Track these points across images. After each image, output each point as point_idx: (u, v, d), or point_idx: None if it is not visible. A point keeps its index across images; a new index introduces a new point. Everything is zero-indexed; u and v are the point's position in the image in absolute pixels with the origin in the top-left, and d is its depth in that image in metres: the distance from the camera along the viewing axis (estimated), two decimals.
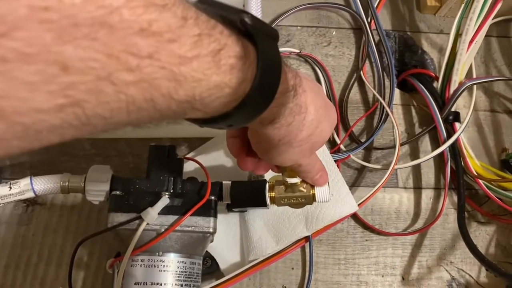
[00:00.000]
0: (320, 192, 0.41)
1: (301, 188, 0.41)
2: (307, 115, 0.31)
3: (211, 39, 0.20)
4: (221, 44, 0.21)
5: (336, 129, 0.59)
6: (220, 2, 0.24)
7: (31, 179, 0.43)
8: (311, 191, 0.41)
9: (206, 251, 0.47)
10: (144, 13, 0.16)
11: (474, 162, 0.56)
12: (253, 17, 0.23)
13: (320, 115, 0.32)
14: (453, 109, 0.57)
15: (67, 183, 0.44)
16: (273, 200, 0.43)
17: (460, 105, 0.61)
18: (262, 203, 0.43)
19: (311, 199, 0.42)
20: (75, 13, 0.15)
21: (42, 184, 0.43)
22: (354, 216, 0.55)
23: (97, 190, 0.43)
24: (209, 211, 0.43)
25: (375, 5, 0.64)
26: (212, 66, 0.20)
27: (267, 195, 0.42)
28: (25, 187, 0.43)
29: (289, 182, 0.40)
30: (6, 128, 0.15)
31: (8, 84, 0.14)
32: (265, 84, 0.24)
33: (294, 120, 0.30)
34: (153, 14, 0.17)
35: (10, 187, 0.42)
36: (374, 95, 0.61)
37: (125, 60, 0.16)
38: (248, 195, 0.43)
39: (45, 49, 0.14)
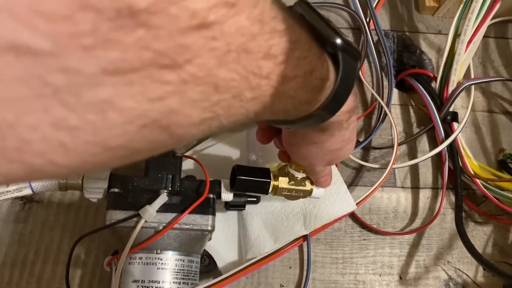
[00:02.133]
0: (317, 189, 0.44)
1: (303, 183, 0.43)
2: (347, 132, 0.33)
3: (306, 61, 0.22)
4: (312, 66, 0.23)
5: None
6: (317, 11, 0.25)
7: None
8: (311, 187, 0.44)
9: (204, 249, 0.47)
10: (270, 39, 0.19)
11: (472, 162, 0.56)
12: (343, 39, 0.24)
13: (352, 135, 0.35)
14: (451, 109, 0.57)
15: (65, 180, 0.43)
16: (275, 189, 0.43)
17: (458, 105, 0.61)
18: (264, 190, 0.43)
19: (308, 194, 0.44)
20: (231, 41, 0.17)
21: (40, 181, 0.43)
22: (352, 215, 0.55)
23: (95, 187, 0.43)
24: (207, 209, 0.43)
25: (374, 5, 0.64)
26: (303, 86, 0.22)
27: (271, 183, 0.43)
28: (22, 184, 0.42)
29: (296, 176, 0.42)
30: (167, 139, 0.18)
31: (181, 102, 0.17)
32: (335, 103, 0.25)
33: (339, 133, 0.32)
34: (275, 39, 0.19)
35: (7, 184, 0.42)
36: (372, 94, 0.61)
37: (251, 80, 0.19)
38: (253, 180, 0.43)
39: (209, 73, 0.17)
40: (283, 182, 0.43)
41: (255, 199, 0.48)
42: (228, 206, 0.46)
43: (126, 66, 0.14)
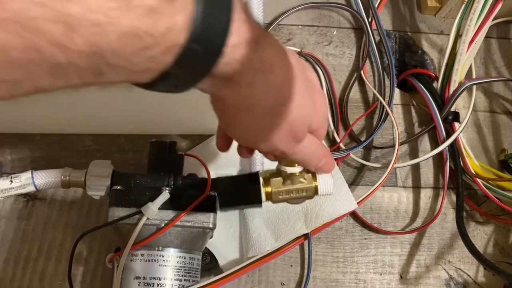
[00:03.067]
0: (323, 183, 0.36)
1: (302, 179, 0.36)
2: (272, 76, 0.25)
3: None
4: None
5: (336, 127, 0.59)
6: None
7: (32, 173, 0.43)
8: (313, 182, 0.36)
9: (206, 247, 0.47)
10: None
11: (473, 162, 0.56)
12: None
13: (294, 86, 0.27)
14: (452, 109, 0.57)
15: (68, 177, 0.44)
16: (269, 196, 0.36)
17: (460, 105, 0.62)
18: (256, 200, 0.36)
19: (313, 191, 0.36)
20: None
21: (43, 178, 0.44)
22: (353, 215, 0.55)
23: (98, 185, 0.43)
24: (209, 207, 0.43)
25: (376, 5, 0.64)
26: (121, 6, 0.16)
27: (262, 190, 0.36)
28: (26, 181, 0.43)
29: (287, 172, 0.35)
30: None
31: None
32: (207, 32, 0.19)
33: (255, 78, 0.24)
34: None
35: (11, 181, 0.43)
36: (374, 94, 0.61)
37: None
38: (237, 192, 0.37)
39: None
40: (276, 184, 0.36)
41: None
42: (221, 206, 0.44)
43: None
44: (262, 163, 0.48)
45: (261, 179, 0.36)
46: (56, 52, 0.16)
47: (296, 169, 0.35)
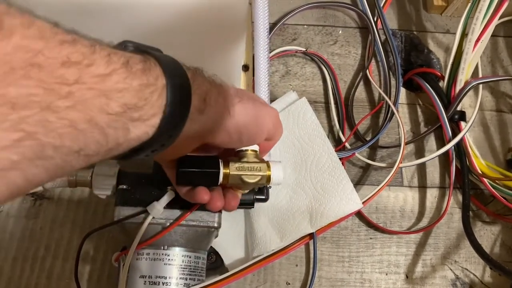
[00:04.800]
0: (275, 172, 0.39)
1: (255, 158, 0.39)
2: (204, 117, 0.31)
3: (118, 55, 0.23)
4: (127, 56, 0.23)
5: (342, 127, 0.59)
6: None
7: None
8: (267, 171, 0.39)
9: (211, 246, 0.47)
10: (61, 50, 0.20)
11: (479, 162, 0.56)
12: (133, 42, 0.27)
13: (219, 113, 0.33)
14: (458, 109, 0.57)
15: (74, 176, 0.44)
16: (226, 176, 0.38)
17: (466, 104, 0.61)
18: (215, 179, 0.38)
19: (265, 176, 0.39)
20: (9, 60, 0.18)
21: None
22: (359, 214, 0.55)
23: (104, 184, 0.43)
24: None
25: (382, 5, 0.64)
26: (128, 74, 0.23)
27: (221, 166, 0.38)
28: None
29: (243, 149, 0.39)
30: None
31: None
32: (175, 73, 0.26)
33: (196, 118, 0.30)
34: (69, 49, 0.20)
35: None
36: (380, 94, 0.61)
37: (58, 89, 0.19)
38: (199, 171, 0.38)
39: None
40: (233, 162, 0.39)
41: (263, 197, 0.48)
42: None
43: None
44: (269, 154, 0.49)
45: (220, 161, 0.39)
46: (101, 118, 0.22)
47: (250, 147, 0.39)
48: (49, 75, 0.19)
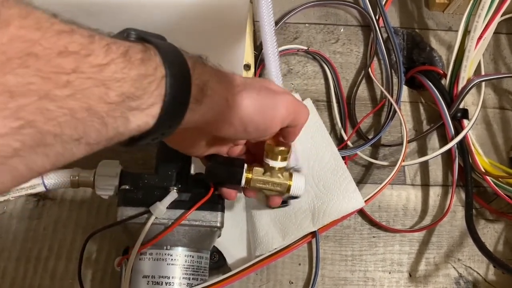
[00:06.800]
0: (296, 183, 0.40)
1: (279, 175, 0.40)
2: (204, 106, 0.30)
3: (117, 45, 0.23)
4: (127, 46, 0.23)
5: (344, 125, 0.59)
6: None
7: None
8: (289, 181, 0.40)
9: (214, 246, 0.47)
10: (58, 40, 0.20)
11: (482, 159, 0.56)
12: (136, 30, 0.27)
13: (221, 103, 0.32)
14: (461, 106, 0.57)
15: (77, 177, 0.44)
16: (248, 182, 0.40)
17: (469, 102, 0.61)
18: (237, 181, 0.40)
19: (285, 189, 0.41)
20: (6, 50, 0.18)
21: (53, 178, 0.44)
22: (361, 213, 0.55)
23: (107, 185, 0.43)
24: (216, 205, 0.43)
25: (383, 2, 0.64)
26: (126, 64, 0.23)
27: (244, 175, 0.40)
28: (36, 181, 0.43)
29: (271, 166, 0.39)
30: None
31: None
32: (175, 63, 0.26)
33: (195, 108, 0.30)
34: (66, 39, 0.20)
35: None
36: (382, 92, 0.61)
37: (56, 78, 0.20)
38: (225, 171, 0.40)
39: None
40: (257, 173, 0.40)
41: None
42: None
43: None
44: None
45: (245, 166, 0.40)
46: (101, 107, 0.22)
47: (279, 164, 0.39)
48: (46, 65, 0.19)
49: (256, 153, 0.42)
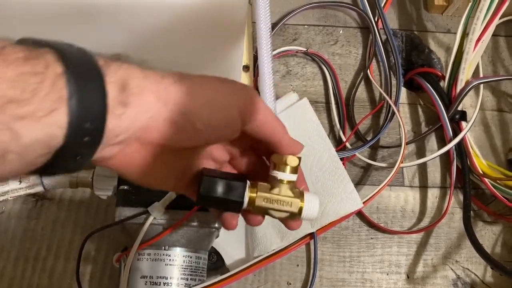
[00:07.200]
0: (309, 205, 0.31)
1: (289, 191, 0.31)
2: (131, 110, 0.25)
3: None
4: (2, 44, 0.20)
5: (342, 127, 0.59)
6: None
7: None
8: (300, 203, 0.31)
9: (212, 246, 0.47)
10: None
11: (480, 161, 0.56)
12: (33, 38, 0.23)
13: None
14: (459, 108, 0.57)
15: (75, 177, 0.44)
16: (253, 202, 0.31)
17: (467, 104, 0.61)
18: (237, 205, 0.31)
19: (297, 208, 0.31)
20: None
21: (51, 178, 0.44)
22: (360, 214, 0.55)
23: (105, 185, 0.44)
24: None
25: (382, 4, 0.64)
26: (0, 63, 0.19)
27: (247, 192, 0.31)
28: (34, 181, 0.43)
29: (278, 178, 0.31)
30: None
31: None
32: (77, 59, 0.22)
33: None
34: None
35: (20, 181, 0.43)
36: (380, 94, 0.61)
37: None
38: (221, 187, 0.31)
39: None
40: (263, 188, 0.31)
41: None
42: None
43: None
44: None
45: (248, 183, 0.31)
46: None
47: (288, 176, 0.31)
48: None
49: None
